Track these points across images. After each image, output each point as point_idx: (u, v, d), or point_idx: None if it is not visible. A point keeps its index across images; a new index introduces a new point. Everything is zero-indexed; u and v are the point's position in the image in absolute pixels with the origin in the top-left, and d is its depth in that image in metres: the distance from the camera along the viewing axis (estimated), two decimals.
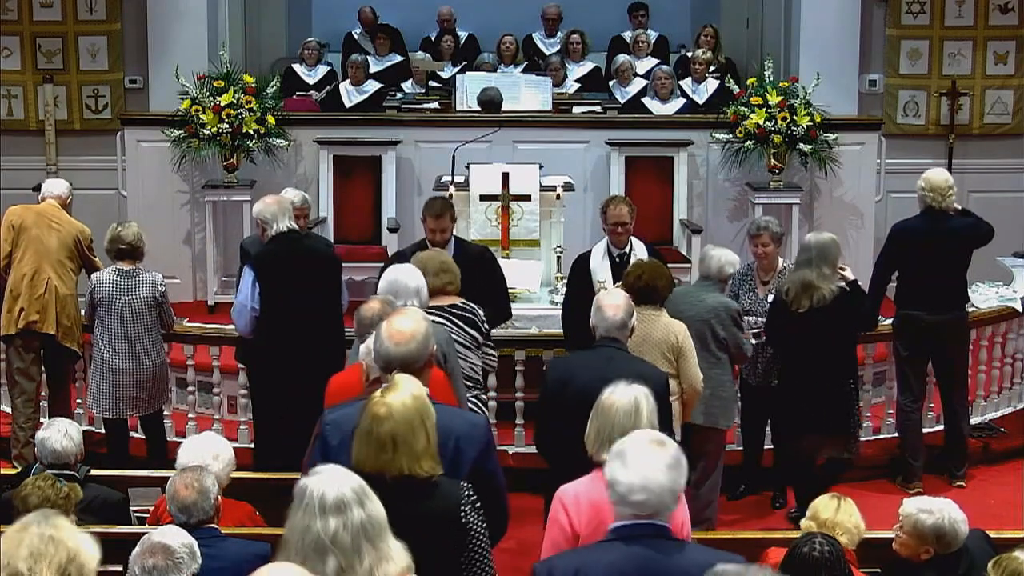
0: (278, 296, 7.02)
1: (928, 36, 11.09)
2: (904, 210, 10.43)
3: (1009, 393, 8.88)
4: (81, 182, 10.75)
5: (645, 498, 3.50)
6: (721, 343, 6.98)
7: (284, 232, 7.07)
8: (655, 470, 3.53)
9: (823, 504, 5.16)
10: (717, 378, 6.98)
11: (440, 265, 6.22)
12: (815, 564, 4.55)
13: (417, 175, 10.45)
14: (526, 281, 8.81)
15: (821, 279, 7.02)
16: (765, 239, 7.57)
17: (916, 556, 4.97)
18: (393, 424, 3.86)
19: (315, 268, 7.15)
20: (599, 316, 5.53)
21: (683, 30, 13.06)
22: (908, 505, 5.05)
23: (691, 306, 6.93)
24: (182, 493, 4.78)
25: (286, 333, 7.00)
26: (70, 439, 5.99)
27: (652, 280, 6.48)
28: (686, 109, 10.94)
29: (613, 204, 7.48)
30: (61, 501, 5.32)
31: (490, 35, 12.46)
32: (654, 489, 3.51)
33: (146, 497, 6.22)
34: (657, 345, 6.40)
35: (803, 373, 7.14)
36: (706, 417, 6.96)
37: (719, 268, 7.11)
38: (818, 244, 7.13)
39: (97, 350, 7.66)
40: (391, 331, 4.44)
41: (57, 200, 8.15)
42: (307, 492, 3.45)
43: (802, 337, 7.07)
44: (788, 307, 7.07)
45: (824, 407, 7.07)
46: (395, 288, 5.50)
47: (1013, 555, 4.46)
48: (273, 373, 7.07)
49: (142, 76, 10.96)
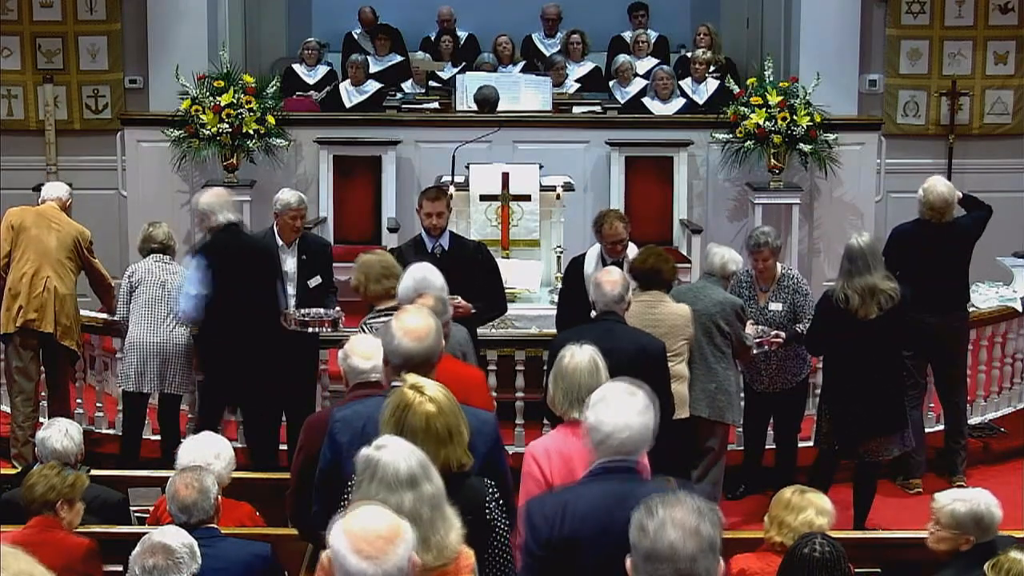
0: (220, 286, 7.16)
1: (928, 36, 11.09)
2: (904, 210, 10.43)
3: (1009, 393, 8.88)
4: (81, 182, 10.78)
5: (625, 438, 3.88)
6: (726, 338, 7.05)
7: (226, 224, 7.21)
8: (632, 414, 3.90)
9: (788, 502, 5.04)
10: (723, 373, 7.04)
11: (382, 270, 6.22)
12: (816, 565, 4.52)
13: (417, 175, 10.44)
14: (526, 281, 8.81)
15: (883, 280, 6.97)
16: (766, 254, 7.53)
17: (955, 549, 4.92)
18: (446, 418, 3.94)
19: (256, 261, 7.29)
20: (599, 292, 5.97)
21: (683, 30, 13.05)
22: (940, 499, 5.02)
23: (696, 301, 7.01)
24: (182, 493, 4.78)
25: (228, 323, 7.16)
26: (70, 439, 6.00)
27: (657, 264, 6.78)
28: (686, 109, 10.94)
29: (608, 223, 7.38)
30: (67, 489, 5.33)
31: (490, 35, 12.46)
32: (633, 430, 3.88)
33: (146, 497, 6.23)
34: (671, 329, 6.68)
35: (859, 377, 6.99)
36: (711, 411, 7.04)
37: (722, 265, 7.21)
38: (867, 247, 7.00)
39: (130, 331, 7.68)
40: (407, 329, 4.42)
41: (57, 203, 8.16)
42: (379, 466, 3.54)
43: (863, 342, 6.93)
44: (850, 315, 6.92)
45: (880, 408, 7.00)
46: (424, 284, 5.53)
47: (1012, 555, 4.45)
48: (218, 362, 7.26)
49: (142, 76, 10.95)
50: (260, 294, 7.22)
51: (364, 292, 6.31)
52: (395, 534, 3.03)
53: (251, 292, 7.18)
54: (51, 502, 5.29)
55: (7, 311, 7.93)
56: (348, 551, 2.97)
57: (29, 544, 5.13)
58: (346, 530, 3.01)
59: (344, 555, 2.98)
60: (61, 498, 5.30)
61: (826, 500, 5.01)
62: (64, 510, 5.31)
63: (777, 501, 5.03)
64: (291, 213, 7.42)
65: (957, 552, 4.90)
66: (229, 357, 7.20)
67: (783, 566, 4.61)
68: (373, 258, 6.37)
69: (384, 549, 2.98)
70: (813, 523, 4.86)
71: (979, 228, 7.99)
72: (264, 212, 8.81)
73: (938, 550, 4.99)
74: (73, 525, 5.35)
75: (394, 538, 3.01)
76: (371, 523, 3.03)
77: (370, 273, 6.20)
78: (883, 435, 7.07)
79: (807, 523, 4.86)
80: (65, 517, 5.31)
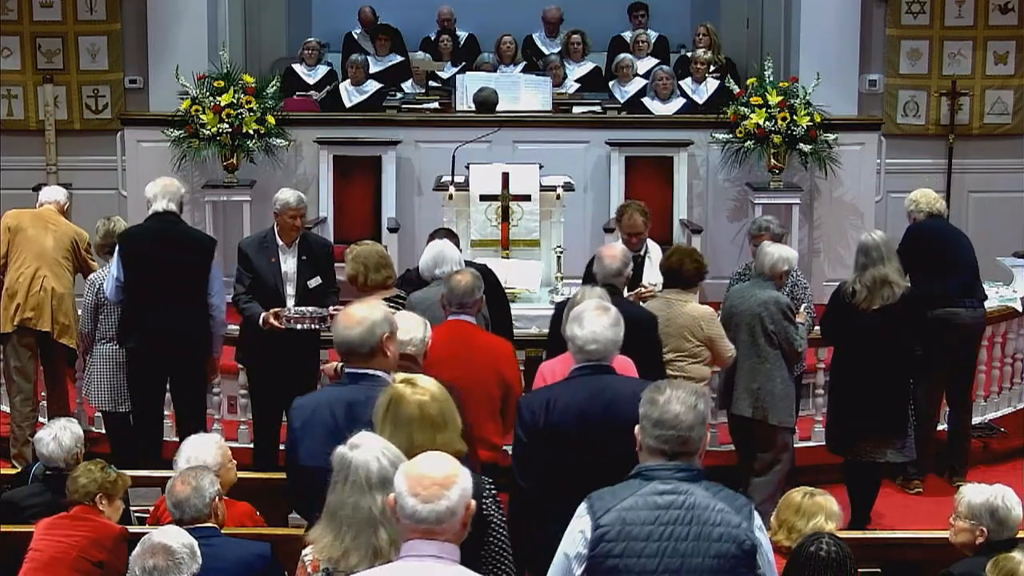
0: (140, 273, 7.28)
1: (928, 36, 11.09)
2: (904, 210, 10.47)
3: (1009, 393, 8.89)
4: (81, 182, 10.81)
5: (595, 347, 4.71)
6: (770, 337, 7.01)
7: (159, 212, 7.30)
8: (602, 328, 4.72)
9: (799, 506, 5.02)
10: (767, 372, 7.02)
11: (379, 259, 6.43)
12: (823, 564, 4.50)
13: (417, 175, 10.44)
14: (526, 281, 8.81)
15: (895, 272, 7.03)
16: (766, 240, 7.57)
17: (972, 542, 4.92)
18: (439, 404, 4.04)
19: (182, 252, 7.34)
20: (600, 265, 6.44)
21: (683, 30, 13.06)
22: (962, 491, 5.05)
23: (743, 301, 7.11)
24: (177, 488, 4.82)
25: (146, 311, 7.28)
26: (70, 438, 5.98)
27: (679, 262, 6.92)
28: (686, 109, 10.93)
29: (627, 214, 7.65)
30: (108, 484, 5.46)
31: (490, 35, 12.47)
32: (601, 340, 4.71)
33: (146, 497, 6.23)
34: (680, 330, 6.78)
35: (860, 373, 7.07)
36: (755, 410, 7.04)
37: (772, 265, 7.13)
38: (883, 241, 7.12)
39: (99, 347, 7.66)
40: (346, 316, 4.52)
41: (55, 206, 8.17)
42: (351, 467, 3.60)
43: (865, 334, 7.02)
44: (854, 307, 7.03)
45: (878, 407, 7.03)
46: (442, 258, 6.02)
47: (1011, 555, 4.45)
48: (141, 349, 7.35)
49: (142, 76, 10.96)
50: (184, 286, 7.29)
51: (364, 282, 6.36)
52: (451, 480, 3.26)
53: (173, 283, 7.26)
54: (92, 493, 5.41)
55: (4, 311, 7.93)
56: (407, 493, 3.25)
57: (65, 520, 5.33)
58: (407, 474, 3.29)
59: (403, 495, 3.26)
60: (102, 491, 5.43)
61: (834, 503, 4.98)
62: (103, 503, 5.44)
63: (787, 504, 4.98)
64: (290, 213, 7.41)
65: (975, 547, 4.90)
66: (149, 342, 7.30)
67: (789, 564, 4.59)
68: (368, 248, 6.47)
69: (439, 494, 3.23)
70: (824, 528, 4.84)
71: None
72: (264, 212, 8.80)
73: (957, 543, 5.00)
74: (112, 520, 5.47)
75: (449, 484, 3.25)
76: (429, 468, 3.29)
77: (369, 263, 6.34)
78: (879, 435, 7.07)
79: (817, 529, 4.83)
80: (104, 511, 5.44)
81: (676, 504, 3.61)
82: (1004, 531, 4.90)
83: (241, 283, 7.39)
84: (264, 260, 7.40)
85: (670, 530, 3.60)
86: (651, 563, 3.59)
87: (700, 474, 3.68)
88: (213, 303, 7.42)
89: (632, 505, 3.61)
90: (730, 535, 3.60)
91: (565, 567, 3.66)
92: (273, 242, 7.46)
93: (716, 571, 3.59)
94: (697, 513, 3.60)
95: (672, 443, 3.66)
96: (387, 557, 3.52)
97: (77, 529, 5.32)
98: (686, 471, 3.66)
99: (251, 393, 7.68)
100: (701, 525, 3.60)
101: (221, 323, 7.53)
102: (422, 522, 3.23)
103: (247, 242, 7.69)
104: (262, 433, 7.56)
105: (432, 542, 3.24)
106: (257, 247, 7.46)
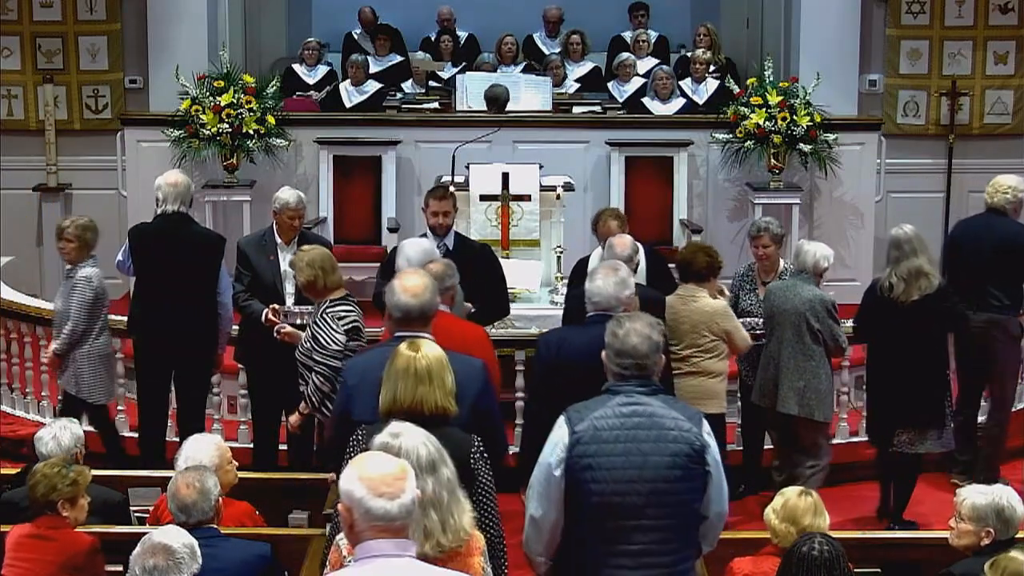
0: (149, 273, 7.39)
1: (928, 36, 11.09)
2: (904, 210, 10.47)
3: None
4: (81, 182, 10.83)
5: (599, 299, 5.48)
6: (816, 335, 7.12)
7: (169, 213, 7.37)
8: (607, 284, 5.49)
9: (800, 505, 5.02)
10: (812, 370, 7.14)
11: (331, 260, 6.63)
12: (816, 564, 4.52)
13: (417, 175, 10.44)
14: (526, 281, 8.81)
15: (928, 263, 7.10)
16: (766, 240, 7.61)
17: (977, 544, 4.91)
18: (428, 361, 4.40)
19: (192, 252, 7.39)
20: (611, 252, 6.69)
21: (683, 30, 13.06)
22: (961, 493, 5.04)
23: (787, 299, 7.18)
24: (182, 492, 4.77)
25: (154, 310, 7.36)
26: (69, 438, 5.97)
27: (692, 255, 7.14)
28: (686, 109, 10.94)
29: (602, 221, 7.64)
30: (67, 489, 5.29)
31: (490, 35, 12.47)
32: (603, 294, 5.48)
33: (146, 497, 6.21)
34: (695, 326, 6.91)
35: (897, 365, 7.11)
36: (801, 408, 7.15)
37: (814, 262, 7.25)
38: (914, 235, 7.17)
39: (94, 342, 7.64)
40: (405, 287, 4.95)
41: None
42: (401, 452, 3.73)
43: (902, 327, 7.06)
44: (893, 301, 7.08)
45: (915, 398, 7.08)
46: (431, 255, 6.27)
47: (1011, 555, 4.44)
48: (146, 346, 7.45)
49: (142, 76, 10.96)
50: (191, 284, 7.34)
51: (324, 285, 6.56)
52: (404, 472, 3.37)
53: (182, 283, 7.30)
54: (52, 502, 5.28)
55: None
56: (369, 495, 3.30)
57: (34, 539, 5.17)
58: (361, 477, 3.33)
59: (366, 499, 3.30)
60: (62, 498, 5.28)
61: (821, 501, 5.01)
62: (66, 508, 5.30)
63: (782, 506, 4.98)
64: (289, 212, 7.42)
65: (978, 548, 4.89)
66: (156, 341, 7.37)
67: (782, 566, 4.60)
68: (318, 252, 6.70)
69: (402, 487, 3.32)
70: (818, 527, 4.85)
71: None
72: (264, 212, 8.79)
73: (959, 545, 4.99)
74: (78, 521, 5.35)
75: (404, 476, 3.36)
76: (382, 467, 3.36)
77: (325, 266, 6.55)
78: (916, 427, 7.13)
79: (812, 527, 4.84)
80: (69, 515, 5.31)
81: (638, 413, 4.34)
82: (1009, 531, 4.91)
83: (240, 282, 7.40)
84: (263, 258, 7.41)
85: (633, 434, 4.31)
86: (618, 461, 4.30)
87: (658, 389, 4.43)
88: (222, 301, 7.47)
89: (602, 415, 4.35)
90: (683, 437, 4.33)
91: (546, 471, 4.36)
92: (272, 240, 7.47)
93: (672, 467, 4.31)
94: (656, 420, 4.34)
95: (631, 368, 4.40)
96: (436, 539, 3.77)
97: (47, 552, 5.19)
98: (645, 387, 4.39)
99: (251, 393, 7.68)
100: (659, 429, 4.32)
101: (229, 320, 7.60)
102: (394, 520, 3.29)
103: (246, 241, 7.69)
104: (262, 433, 7.56)
105: (398, 540, 3.30)
106: (256, 246, 7.48)
